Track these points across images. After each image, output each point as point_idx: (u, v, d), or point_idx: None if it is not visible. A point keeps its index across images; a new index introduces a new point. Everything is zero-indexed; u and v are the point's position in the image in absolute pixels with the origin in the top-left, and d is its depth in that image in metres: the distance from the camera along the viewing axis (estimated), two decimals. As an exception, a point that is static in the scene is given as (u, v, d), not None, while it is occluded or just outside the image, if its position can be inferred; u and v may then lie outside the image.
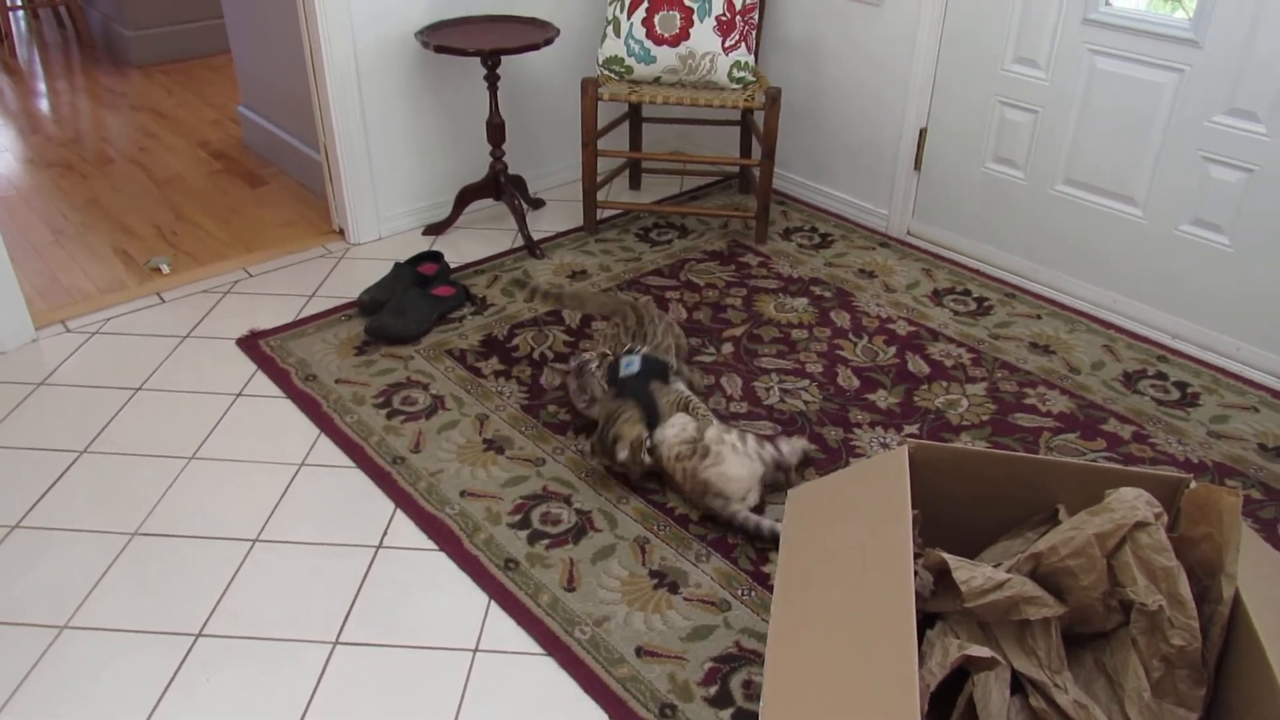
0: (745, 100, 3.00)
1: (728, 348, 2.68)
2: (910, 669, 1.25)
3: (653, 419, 2.14)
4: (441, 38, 2.93)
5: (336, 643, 1.80)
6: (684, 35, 3.02)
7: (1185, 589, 1.42)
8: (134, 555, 1.98)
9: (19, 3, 5.51)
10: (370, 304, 2.76)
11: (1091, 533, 1.46)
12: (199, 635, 1.81)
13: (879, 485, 1.61)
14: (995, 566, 1.54)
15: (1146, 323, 2.81)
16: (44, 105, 4.54)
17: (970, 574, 1.48)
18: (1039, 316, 2.87)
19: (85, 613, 1.85)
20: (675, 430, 2.11)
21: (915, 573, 1.49)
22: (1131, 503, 1.46)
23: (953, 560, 1.50)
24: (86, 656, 1.77)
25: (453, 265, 3.06)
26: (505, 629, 1.83)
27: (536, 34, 3.01)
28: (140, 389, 2.49)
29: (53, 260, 3.11)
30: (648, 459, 2.09)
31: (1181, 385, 2.58)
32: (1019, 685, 1.46)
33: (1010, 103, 2.92)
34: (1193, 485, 1.54)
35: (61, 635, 1.81)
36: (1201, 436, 2.39)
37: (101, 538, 2.02)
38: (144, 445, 2.29)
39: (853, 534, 1.56)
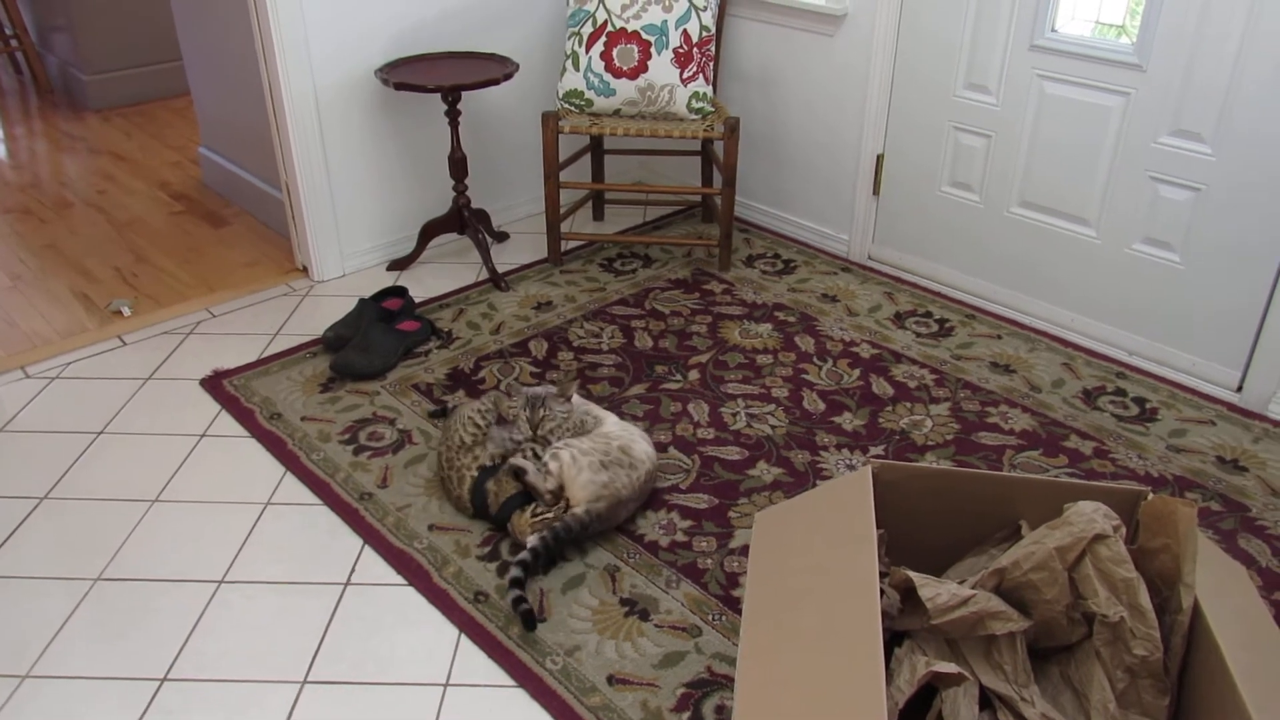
0: (704, 130, 3.04)
1: (694, 374, 2.69)
2: (878, 688, 1.25)
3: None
4: (401, 75, 2.95)
5: (305, 681, 1.78)
6: (642, 68, 3.07)
7: (1146, 599, 1.44)
8: (97, 601, 1.95)
9: (-25, 48, 5.47)
10: (335, 341, 2.75)
11: (1052, 546, 1.48)
12: (164, 679, 1.78)
13: (844, 506, 1.62)
14: (960, 583, 1.56)
15: (1104, 340, 2.87)
16: (1, 150, 4.50)
17: (935, 591, 1.49)
18: (999, 336, 2.92)
19: (47, 661, 1.82)
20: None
21: (882, 591, 1.50)
22: (1090, 515, 1.49)
23: (918, 578, 1.52)
24: (49, 706, 1.73)
25: (417, 300, 3.06)
26: (476, 662, 1.82)
27: (496, 69, 3.03)
28: (102, 433, 2.46)
29: (11, 306, 3.08)
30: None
31: (1140, 401, 2.63)
32: (987, 701, 1.48)
33: (963, 128, 2.99)
34: (1149, 498, 1.57)
35: (23, 685, 1.77)
36: (1161, 451, 2.43)
37: (64, 584, 1.99)
38: (106, 489, 2.26)
39: (819, 555, 1.57)
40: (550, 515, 2.02)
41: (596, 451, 2.11)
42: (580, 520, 2.01)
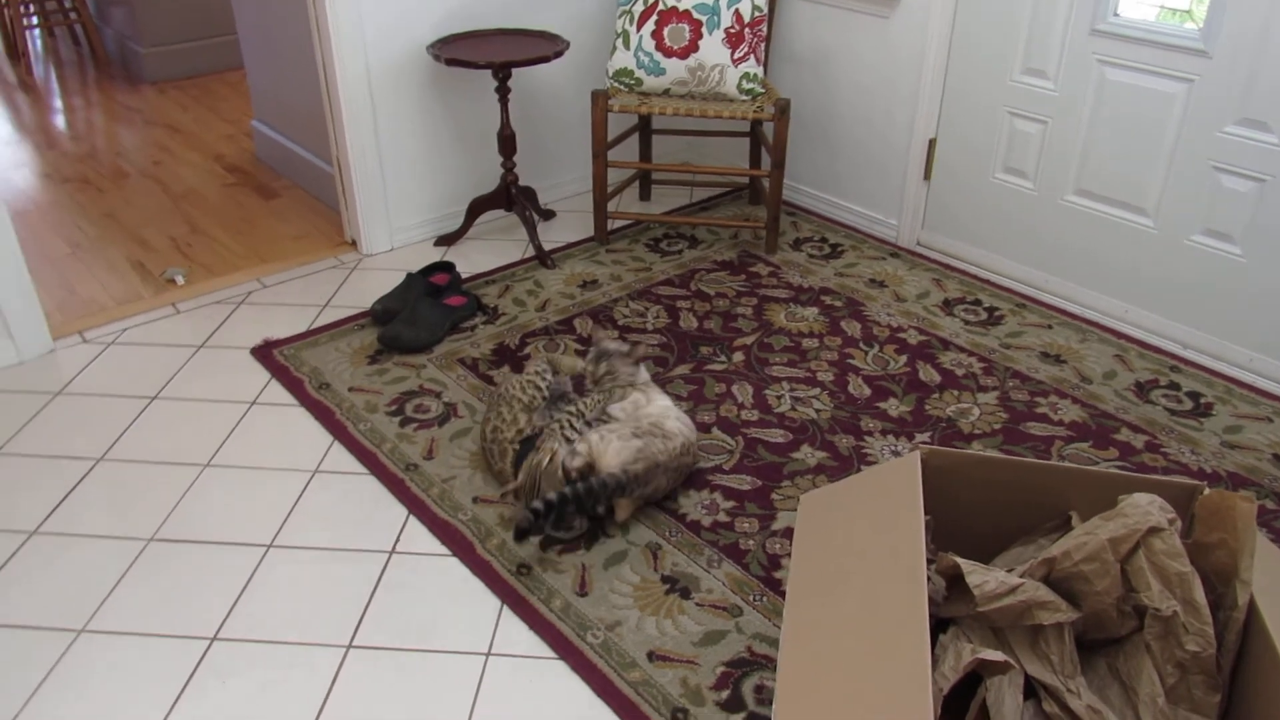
0: (754, 111, 3.02)
1: (738, 356, 2.69)
2: (923, 673, 1.25)
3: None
4: (453, 51, 2.96)
5: (350, 646, 1.81)
6: (693, 47, 3.05)
7: (1200, 595, 1.41)
8: (150, 561, 2.00)
9: (35, 21, 5.57)
10: (383, 314, 2.78)
11: (1105, 538, 1.46)
12: (214, 639, 1.82)
13: (892, 490, 1.61)
14: (1008, 572, 1.54)
15: (1158, 333, 2.81)
16: (60, 121, 4.59)
17: (983, 579, 1.48)
18: (1050, 326, 2.87)
19: (101, 617, 1.86)
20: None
21: (928, 578, 1.49)
22: (1145, 508, 1.46)
23: (966, 565, 1.50)
24: (103, 660, 1.78)
25: (464, 275, 3.08)
26: (517, 633, 1.84)
27: (546, 47, 3.03)
28: (156, 398, 2.51)
29: (70, 273, 3.14)
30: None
31: (1194, 395, 2.57)
32: (1032, 690, 1.46)
33: (1019, 113, 2.93)
34: (1206, 492, 1.54)
35: (79, 639, 1.82)
36: (1215, 446, 2.38)
37: (118, 543, 2.04)
38: (159, 453, 2.31)
39: (865, 539, 1.57)
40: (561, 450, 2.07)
41: (627, 426, 2.12)
42: (616, 479, 2.00)
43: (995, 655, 1.40)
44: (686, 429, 2.18)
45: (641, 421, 2.15)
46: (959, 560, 1.52)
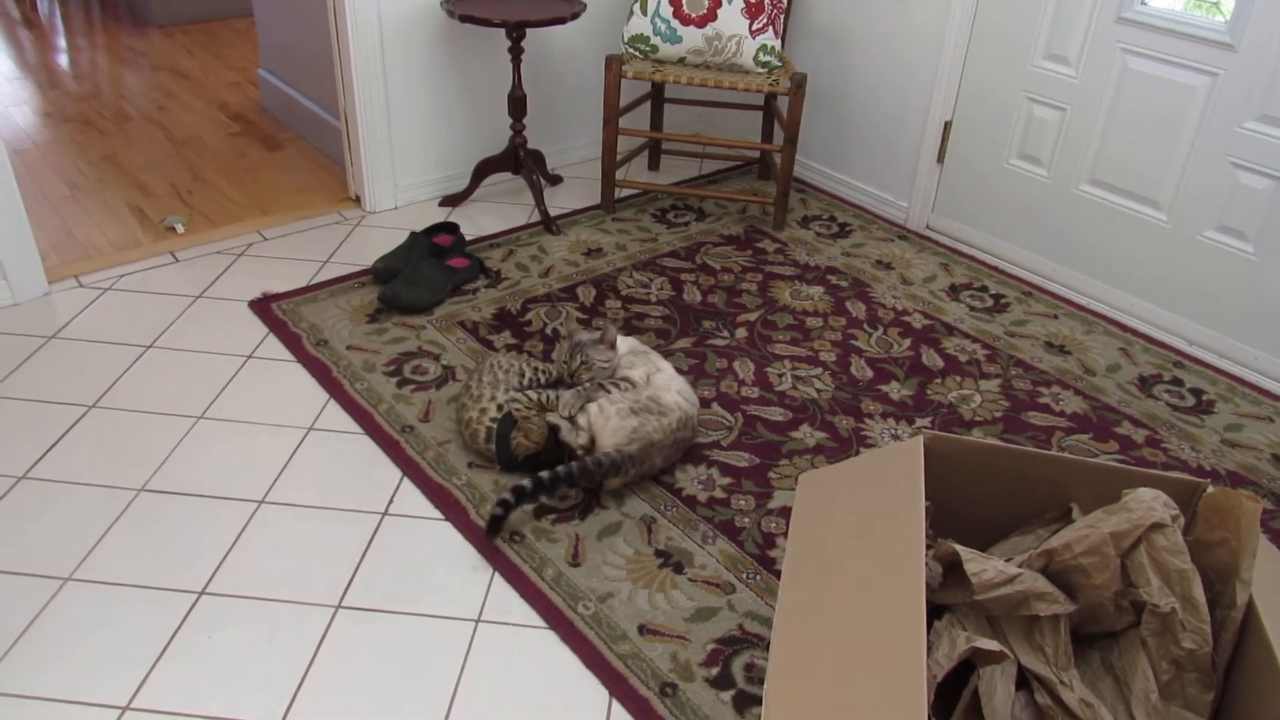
0: (770, 85, 2.97)
1: (741, 332, 2.66)
2: (918, 659, 1.23)
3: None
4: (467, 7, 2.91)
5: (339, 607, 1.80)
6: (711, 16, 3.00)
7: (1199, 592, 1.40)
8: (140, 511, 1.98)
9: (42, -44, 5.48)
10: (384, 272, 2.75)
11: (1107, 531, 1.45)
12: (202, 593, 1.81)
13: (893, 474, 1.59)
14: (1006, 561, 1.53)
15: (1164, 327, 2.79)
16: (63, 61, 4.52)
17: (981, 567, 1.46)
18: (1056, 316, 2.85)
19: (89, 566, 1.85)
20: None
21: (925, 563, 1.48)
22: (1149, 503, 1.45)
23: (965, 552, 1.49)
24: (89, 609, 1.76)
25: (468, 238, 3.04)
26: (509, 601, 1.82)
27: (563, 8, 2.98)
28: (151, 347, 2.48)
29: (68, 215, 3.10)
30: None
31: (1197, 392, 2.56)
32: (1024, 681, 1.45)
33: (1038, 99, 2.89)
34: (1210, 490, 1.53)
35: (65, 587, 1.80)
36: (1215, 444, 2.37)
37: (108, 492, 2.02)
38: (153, 402, 2.28)
39: (864, 522, 1.55)
40: (562, 424, 2.06)
41: (626, 400, 2.10)
42: (611, 459, 1.99)
43: (991, 644, 1.39)
44: (686, 402, 2.16)
45: (641, 394, 2.13)
46: (958, 548, 1.50)
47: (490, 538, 1.94)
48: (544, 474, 1.94)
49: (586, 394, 2.15)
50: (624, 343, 2.31)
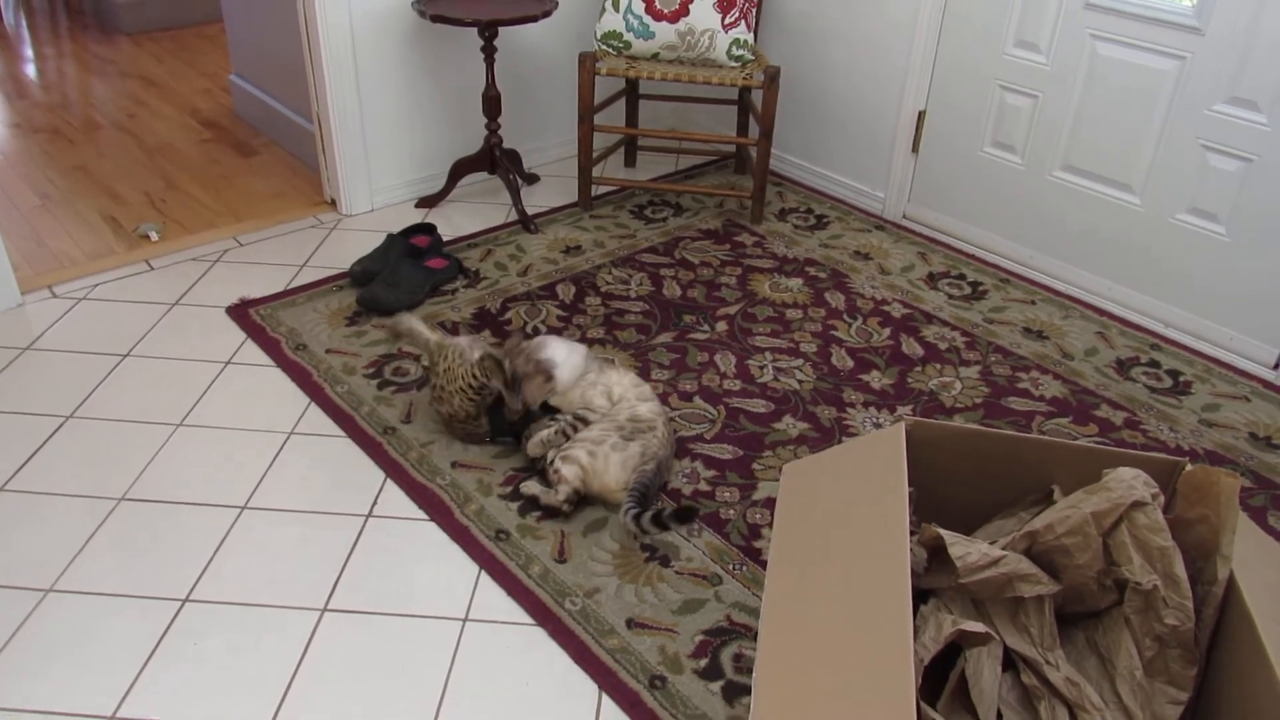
0: (744, 79, 2.98)
1: (722, 326, 2.67)
2: (905, 644, 1.24)
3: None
4: (439, 7, 2.90)
5: (325, 610, 1.79)
6: (683, 11, 3.00)
7: (1180, 569, 1.42)
8: (120, 520, 1.96)
9: (7, -34, 5.42)
10: (362, 275, 2.74)
11: (1089, 511, 1.46)
12: (185, 600, 1.79)
13: (876, 461, 1.60)
14: (990, 544, 1.54)
15: (1140, 310, 2.82)
16: (31, 70, 4.48)
17: (966, 550, 1.47)
18: (1033, 302, 2.87)
19: (71, 576, 1.83)
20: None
21: (910, 549, 1.48)
22: (1129, 482, 1.46)
23: (949, 536, 1.50)
24: (72, 620, 1.75)
25: (446, 238, 3.03)
26: (495, 599, 1.82)
27: (534, 6, 2.97)
28: (128, 355, 2.46)
29: (40, 225, 3.07)
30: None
31: (1174, 373, 2.58)
32: (1011, 662, 1.46)
33: (1010, 87, 2.91)
34: (1189, 468, 1.54)
35: (47, 598, 1.79)
36: (1193, 424, 2.39)
37: (87, 502, 2.00)
38: (131, 411, 2.26)
39: (849, 509, 1.56)
40: (538, 492, 2.02)
41: (609, 435, 2.03)
42: (650, 476, 1.99)
43: (977, 627, 1.40)
44: (656, 406, 2.15)
45: (619, 419, 2.07)
46: (941, 532, 1.51)
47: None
48: (664, 510, 1.95)
49: (554, 442, 2.06)
50: (564, 366, 2.15)
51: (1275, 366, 2.58)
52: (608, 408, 2.12)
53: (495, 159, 3.20)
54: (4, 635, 1.71)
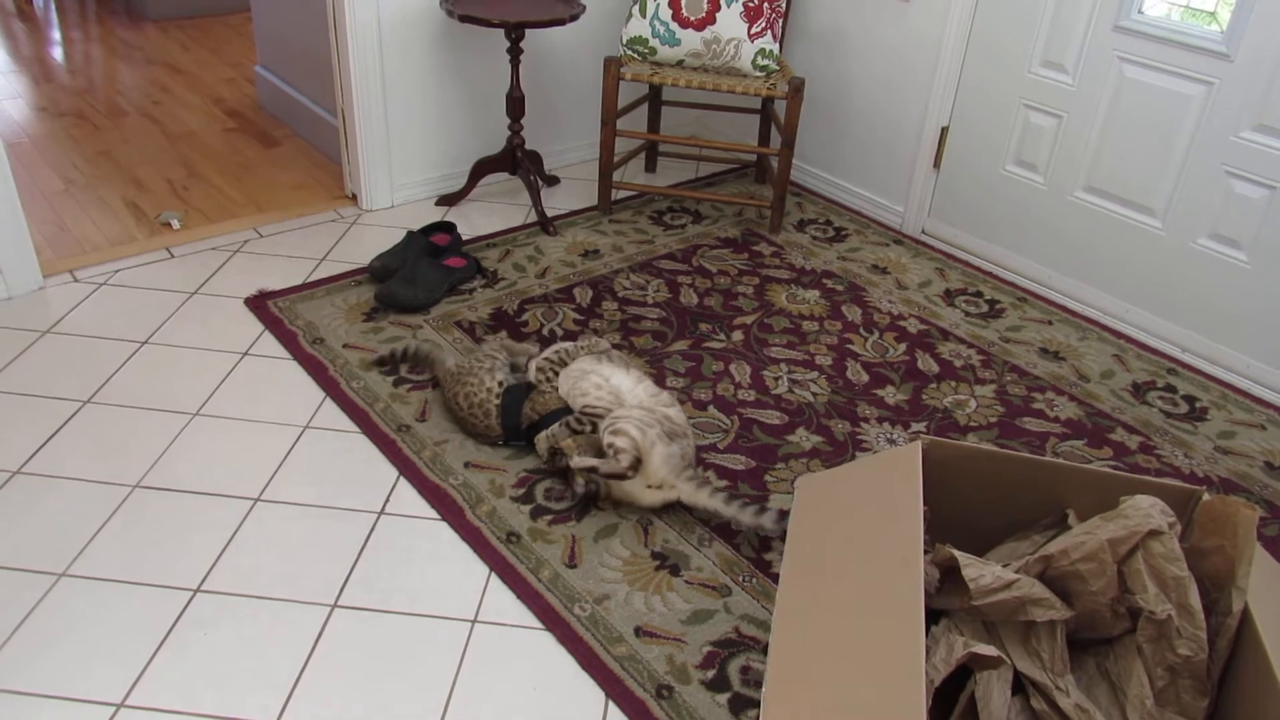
0: (768, 88, 2.98)
1: (737, 335, 2.67)
2: (917, 664, 1.24)
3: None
4: (466, 7, 2.91)
5: (335, 605, 1.79)
6: (710, 19, 3.00)
7: (1195, 599, 1.41)
8: (134, 507, 1.97)
9: (37, -51, 5.45)
10: (381, 271, 2.74)
11: (1105, 538, 1.46)
12: (197, 590, 1.80)
13: (891, 479, 1.60)
14: (1004, 567, 1.54)
15: (1158, 334, 2.81)
16: (58, 54, 4.50)
17: (979, 572, 1.47)
18: (1050, 322, 2.86)
19: (84, 561, 1.84)
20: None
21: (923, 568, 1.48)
22: (1147, 510, 1.46)
23: (963, 557, 1.49)
24: (83, 605, 1.75)
25: (465, 237, 3.04)
26: (505, 602, 1.82)
27: (562, 9, 2.98)
28: (146, 342, 2.47)
29: (63, 210, 3.09)
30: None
31: (1190, 399, 2.57)
32: (1020, 686, 1.46)
33: (1035, 106, 2.91)
34: (1207, 497, 1.54)
35: (59, 582, 1.80)
36: (1208, 451, 2.38)
37: (102, 488, 2.01)
38: (148, 399, 2.27)
39: (863, 526, 1.56)
40: (596, 462, 1.99)
41: (653, 424, 2.02)
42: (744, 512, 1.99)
43: (988, 650, 1.39)
44: (681, 413, 2.16)
45: (658, 413, 2.06)
46: (956, 553, 1.51)
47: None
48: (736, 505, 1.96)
49: (559, 435, 2.09)
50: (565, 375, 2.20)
51: (1292, 396, 2.57)
52: (602, 398, 2.12)
53: (517, 160, 3.20)
54: (16, 619, 1.72)
